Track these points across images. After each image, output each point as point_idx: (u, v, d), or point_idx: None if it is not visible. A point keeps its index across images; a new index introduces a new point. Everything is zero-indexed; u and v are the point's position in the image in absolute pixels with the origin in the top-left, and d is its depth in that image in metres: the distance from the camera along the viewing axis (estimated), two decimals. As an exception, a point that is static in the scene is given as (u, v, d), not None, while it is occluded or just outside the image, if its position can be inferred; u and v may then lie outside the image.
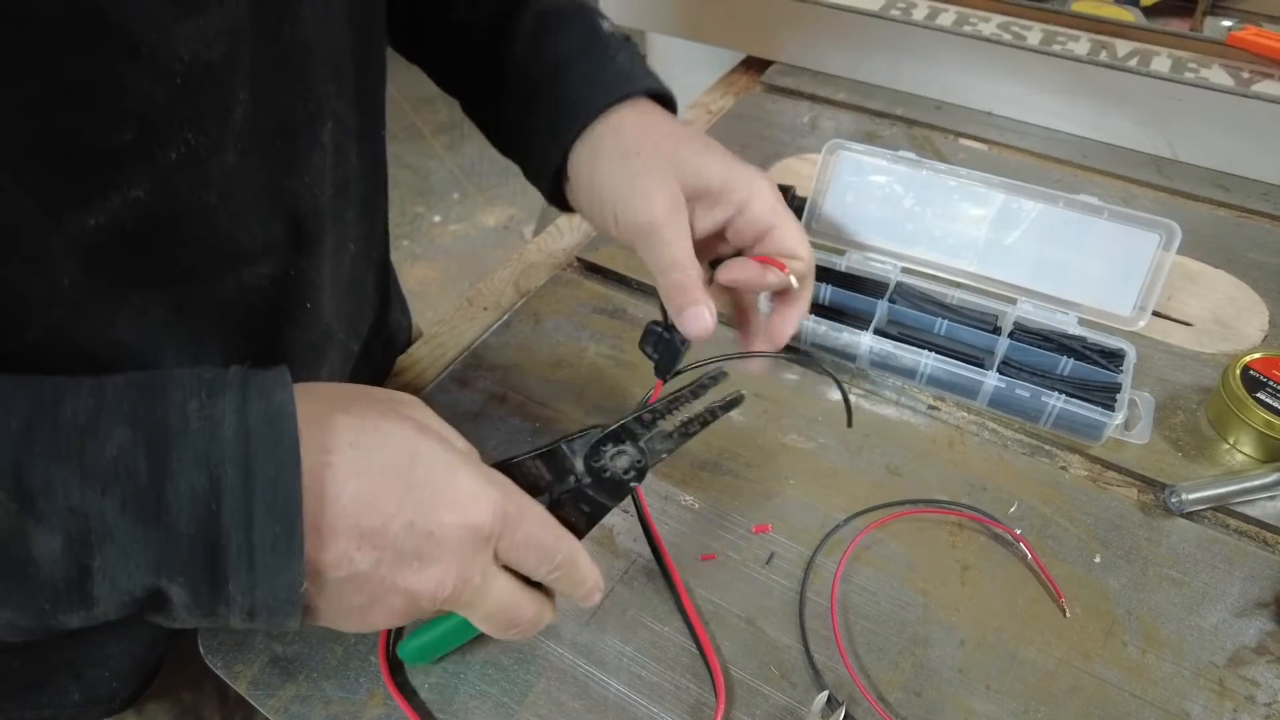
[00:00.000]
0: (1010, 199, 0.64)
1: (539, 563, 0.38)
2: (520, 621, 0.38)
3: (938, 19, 0.87)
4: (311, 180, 0.43)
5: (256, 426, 0.31)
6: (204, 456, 0.30)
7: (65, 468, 0.28)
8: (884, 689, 0.45)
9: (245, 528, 0.30)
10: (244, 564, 0.30)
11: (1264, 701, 0.44)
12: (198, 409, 0.30)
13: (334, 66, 0.43)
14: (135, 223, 0.35)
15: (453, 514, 0.35)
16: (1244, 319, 0.66)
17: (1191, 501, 0.52)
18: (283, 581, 0.31)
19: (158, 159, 0.34)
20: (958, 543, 0.52)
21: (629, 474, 0.42)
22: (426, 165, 2.74)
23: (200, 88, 0.34)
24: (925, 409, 0.60)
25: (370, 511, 0.33)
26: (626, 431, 0.43)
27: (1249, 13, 0.93)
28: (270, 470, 0.30)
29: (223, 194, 0.38)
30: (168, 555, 0.29)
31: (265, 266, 0.43)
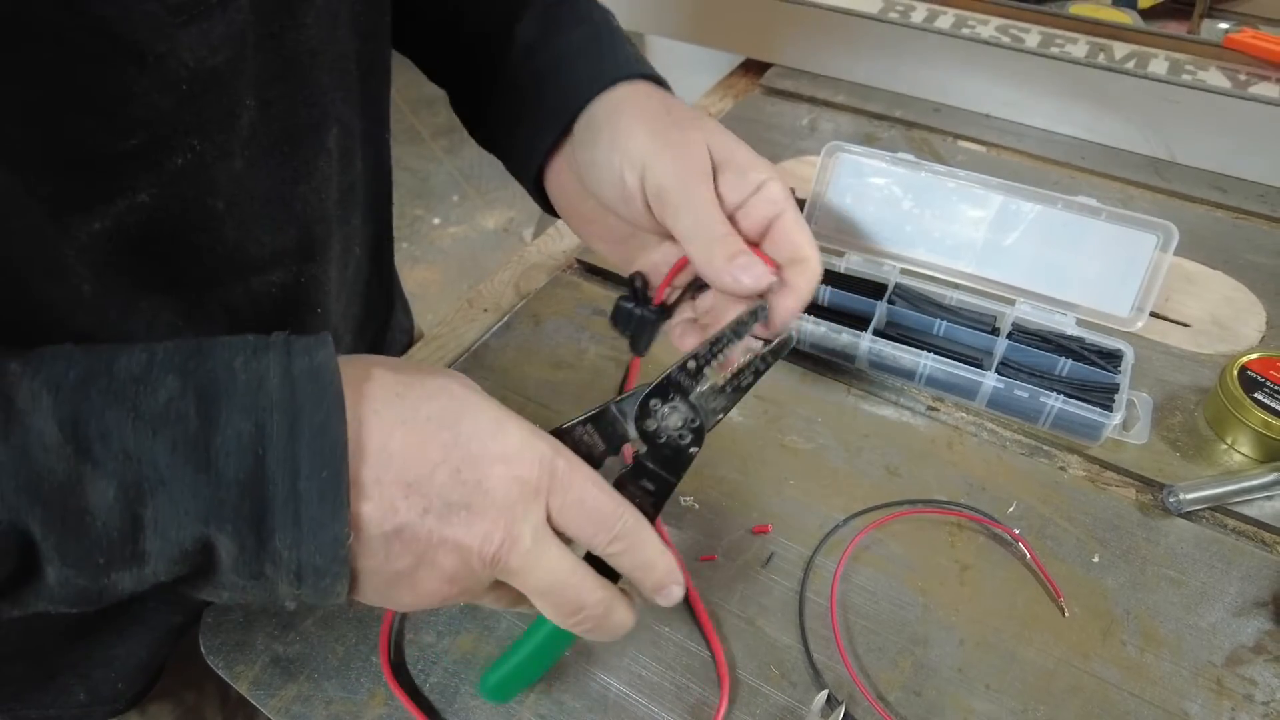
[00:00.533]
0: (1009, 200, 0.64)
1: (596, 529, 0.35)
2: (584, 604, 0.35)
3: (936, 21, 0.88)
4: (318, 186, 0.43)
5: (301, 380, 0.31)
6: (251, 406, 0.30)
7: (119, 412, 0.29)
8: (884, 688, 0.45)
9: (291, 476, 0.30)
10: (290, 514, 0.30)
11: (1262, 700, 0.45)
12: (243, 364, 0.31)
13: (339, 72, 0.43)
14: (139, 227, 0.35)
15: (500, 464, 0.34)
16: (1241, 320, 0.66)
17: (1189, 501, 0.52)
18: (328, 534, 0.31)
19: (163, 165, 0.35)
20: (957, 543, 0.52)
21: (685, 439, 0.39)
22: (426, 168, 2.75)
23: (205, 94, 0.35)
24: (924, 410, 0.60)
25: (416, 461, 0.32)
26: (673, 384, 0.39)
27: (1246, 15, 0.94)
28: (316, 418, 0.30)
29: (230, 201, 0.38)
30: (215, 502, 0.29)
31: (274, 274, 0.43)
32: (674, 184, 0.41)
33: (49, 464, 0.28)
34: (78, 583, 0.29)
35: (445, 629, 0.48)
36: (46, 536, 0.28)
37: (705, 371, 0.40)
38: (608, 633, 0.37)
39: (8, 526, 0.27)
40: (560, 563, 0.35)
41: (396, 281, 0.68)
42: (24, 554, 0.28)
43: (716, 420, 0.40)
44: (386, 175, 0.55)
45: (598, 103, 0.45)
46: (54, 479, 0.28)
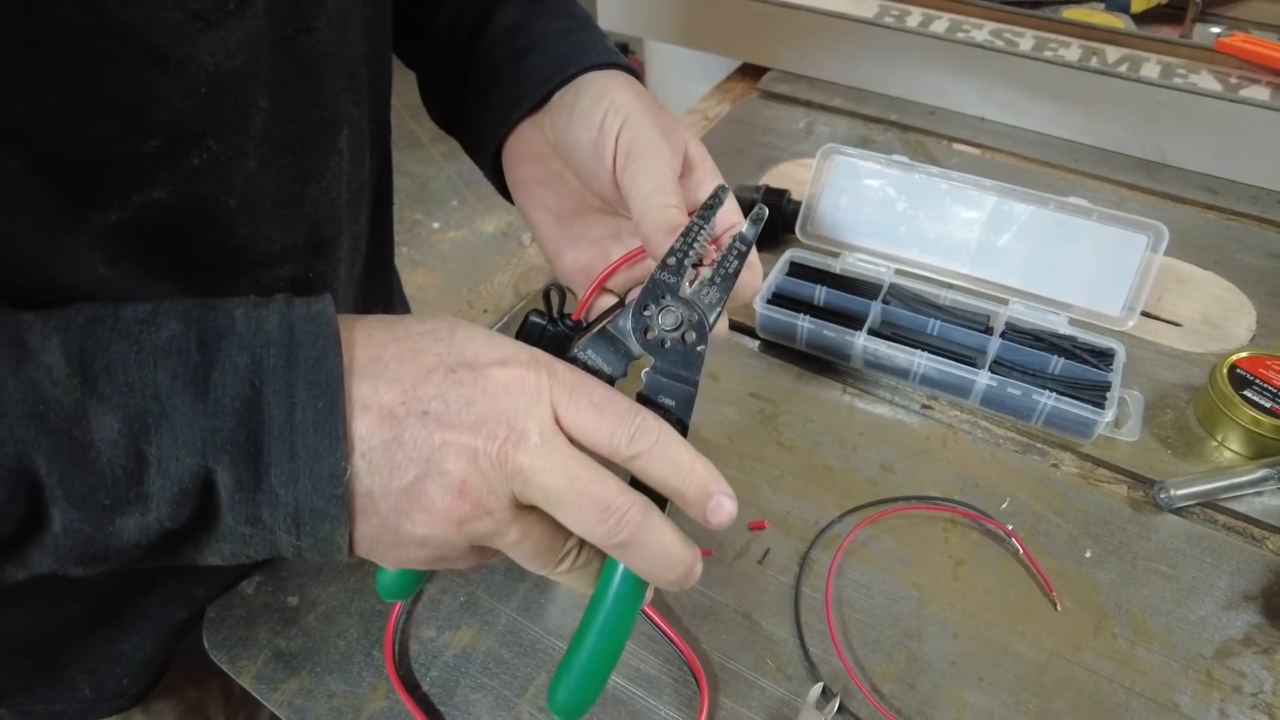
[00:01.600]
0: (1002, 201, 0.65)
1: (613, 426, 0.33)
2: (610, 501, 0.32)
3: (931, 26, 0.89)
4: (329, 185, 0.44)
5: (299, 322, 0.31)
6: (249, 343, 0.30)
7: (123, 346, 0.29)
8: (878, 681, 0.46)
9: (287, 406, 0.30)
10: (285, 445, 0.30)
11: (1250, 691, 0.45)
12: (244, 313, 0.31)
13: (350, 75, 0.44)
14: (154, 222, 0.36)
15: (497, 366, 0.33)
16: (1232, 319, 0.67)
17: (1180, 498, 0.53)
18: (324, 468, 0.30)
19: (180, 164, 0.35)
20: (951, 538, 0.53)
21: (690, 337, 0.37)
22: (425, 172, 2.76)
23: (222, 97, 0.35)
24: (919, 408, 0.61)
25: (410, 367, 0.32)
26: (660, 285, 0.38)
27: (1237, 19, 0.95)
28: (312, 353, 0.31)
29: (242, 199, 0.39)
30: (212, 431, 0.29)
31: (283, 269, 0.44)
32: (647, 142, 0.41)
33: (56, 395, 0.28)
34: (83, 529, 0.29)
35: (445, 624, 0.49)
36: (52, 471, 0.28)
37: (685, 264, 0.38)
38: (657, 552, 0.33)
39: (15, 464, 0.28)
40: (574, 458, 0.32)
41: (398, 281, 0.69)
42: (32, 497, 0.28)
43: (717, 314, 0.38)
44: (388, 174, 0.56)
45: (588, 75, 0.45)
46: (61, 410, 0.28)
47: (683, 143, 0.43)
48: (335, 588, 0.51)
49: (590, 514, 0.32)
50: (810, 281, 0.66)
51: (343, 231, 0.47)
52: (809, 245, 0.71)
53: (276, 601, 0.50)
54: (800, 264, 0.68)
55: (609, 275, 0.45)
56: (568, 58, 0.47)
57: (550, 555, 0.35)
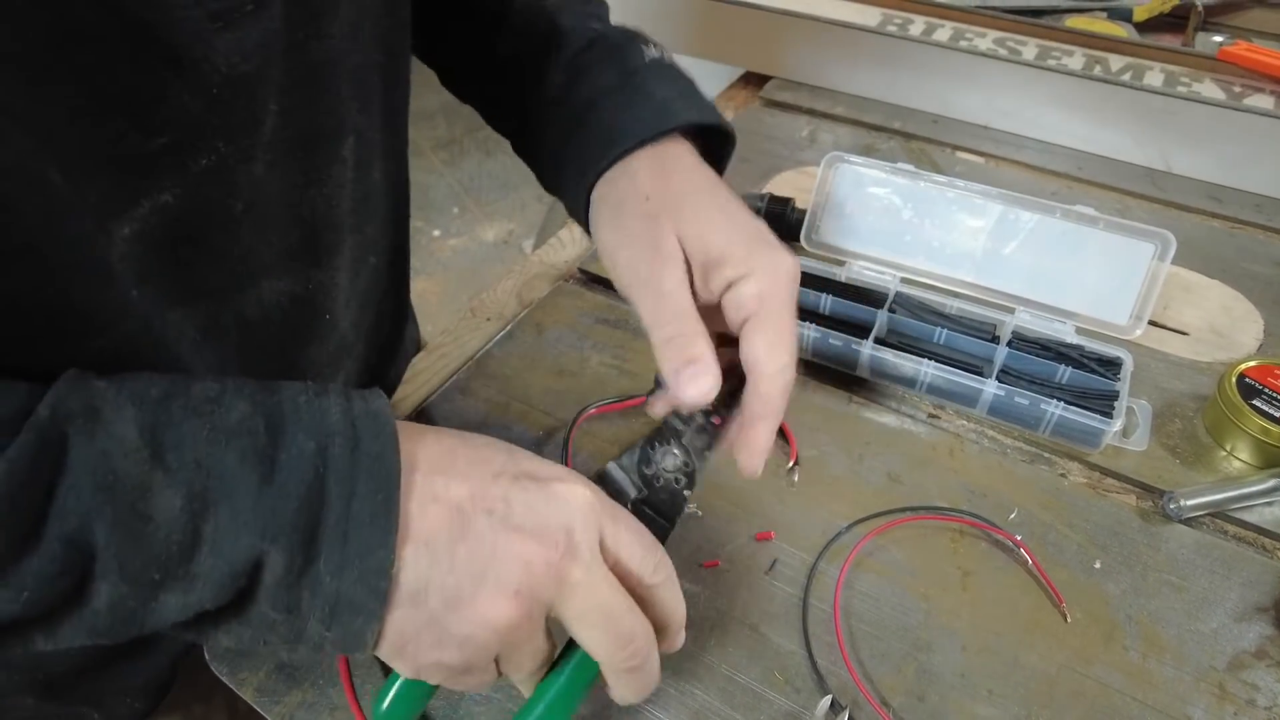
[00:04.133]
0: (1008, 210, 0.65)
1: (643, 558, 0.35)
2: (635, 633, 0.34)
3: (934, 34, 0.89)
4: (330, 192, 0.44)
5: (361, 417, 0.32)
6: (314, 429, 0.31)
7: (196, 423, 0.30)
8: (887, 693, 0.46)
9: (347, 495, 0.31)
10: (340, 534, 0.30)
11: (1264, 705, 0.45)
12: (306, 401, 0.32)
13: (359, 83, 0.44)
14: (164, 230, 0.36)
15: (559, 481, 0.34)
16: (1239, 328, 0.67)
17: (1190, 508, 0.53)
18: (373, 560, 0.31)
19: (188, 166, 0.35)
20: (959, 549, 0.52)
21: (679, 483, 0.41)
22: (426, 180, 2.76)
23: (234, 99, 0.35)
24: (925, 417, 0.61)
25: (478, 467, 0.33)
26: (669, 430, 0.41)
27: (1240, 28, 0.95)
28: (374, 447, 0.32)
29: (248, 203, 0.39)
30: (275, 513, 0.30)
31: (283, 279, 0.43)
32: (631, 279, 0.41)
33: (125, 467, 0.29)
34: (127, 605, 0.29)
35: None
36: (110, 543, 0.28)
37: (696, 416, 0.41)
38: (646, 678, 0.36)
39: (75, 535, 0.28)
40: (612, 583, 0.34)
41: (408, 291, 0.69)
42: (83, 570, 0.28)
43: (705, 460, 0.41)
44: (405, 187, 0.56)
45: (596, 192, 0.45)
46: (128, 481, 0.28)
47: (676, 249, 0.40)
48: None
49: (614, 640, 0.34)
50: (816, 290, 0.65)
51: (344, 240, 0.47)
52: (814, 254, 0.71)
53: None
54: (805, 273, 0.67)
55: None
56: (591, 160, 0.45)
57: (538, 670, 0.37)
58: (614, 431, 0.60)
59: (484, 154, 2.89)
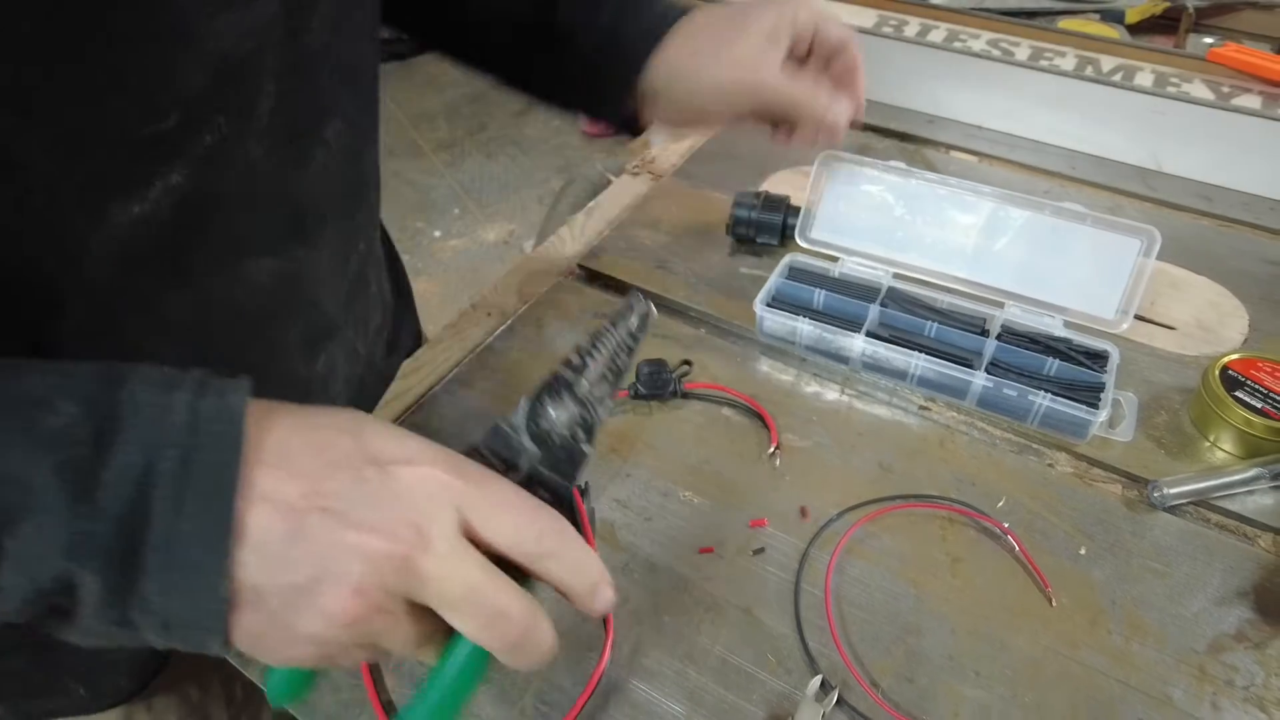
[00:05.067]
0: (998, 207, 0.66)
1: (523, 529, 0.33)
2: (507, 610, 0.32)
3: (929, 35, 0.90)
4: (315, 174, 0.45)
5: (206, 420, 0.30)
6: (147, 439, 0.29)
7: (12, 423, 0.28)
8: (877, 675, 0.47)
9: (173, 514, 0.28)
10: (163, 556, 0.28)
11: (1242, 685, 0.46)
12: (151, 399, 0.30)
13: (346, 70, 0.45)
14: (172, 210, 0.37)
15: (406, 465, 0.32)
16: (1225, 323, 0.68)
17: (1174, 496, 0.54)
18: (203, 581, 0.29)
19: (194, 146, 0.36)
20: (948, 536, 0.54)
21: (577, 439, 0.38)
22: (427, 181, 2.78)
23: (233, 79, 0.37)
24: (916, 409, 0.62)
25: (315, 460, 0.31)
26: (559, 382, 0.39)
27: (1229, 30, 0.96)
28: (212, 458, 0.29)
29: (243, 184, 0.40)
30: (88, 535, 0.28)
31: (267, 258, 0.44)
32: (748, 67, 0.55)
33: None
34: None
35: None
36: None
37: (588, 364, 0.39)
38: (533, 649, 0.33)
39: None
40: (478, 568, 0.32)
41: (405, 280, 0.70)
42: None
43: (605, 410, 0.39)
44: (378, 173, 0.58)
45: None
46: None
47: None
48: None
49: (485, 621, 0.32)
50: (809, 285, 0.67)
51: (327, 223, 0.48)
52: (808, 250, 0.72)
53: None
54: (800, 268, 0.69)
55: None
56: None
57: (426, 642, 0.34)
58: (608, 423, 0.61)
59: (485, 155, 2.90)
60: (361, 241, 0.53)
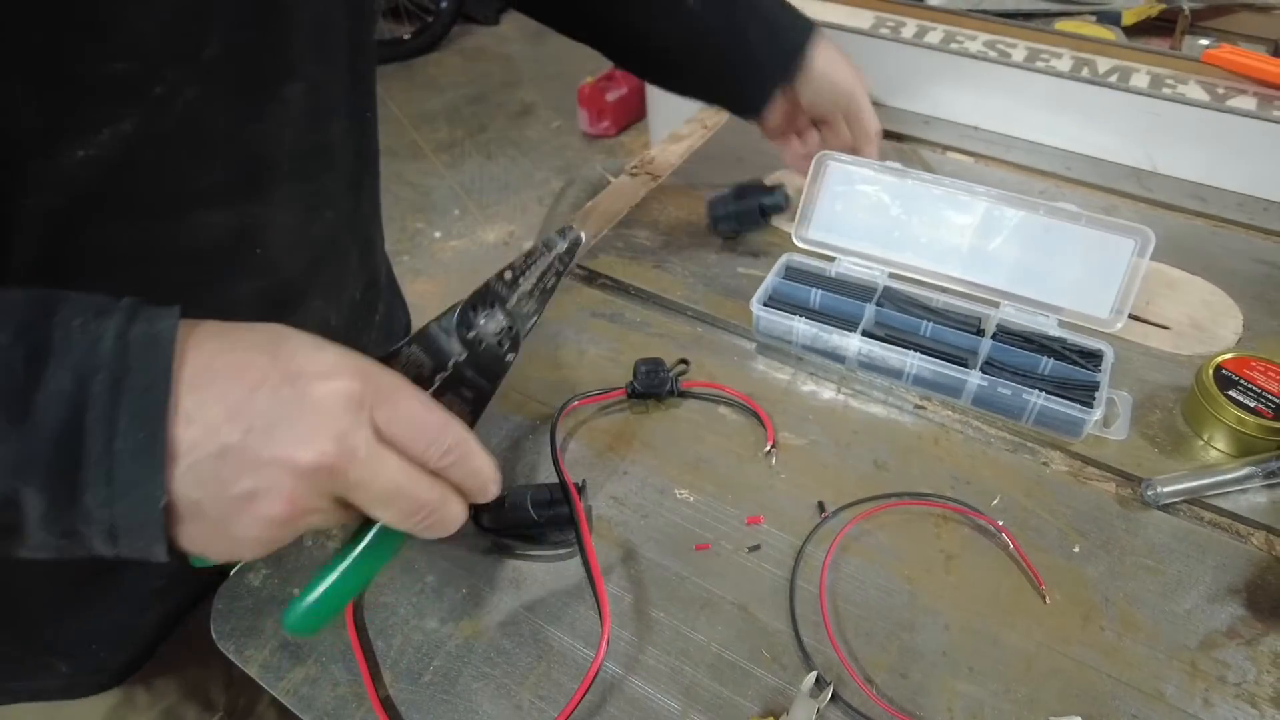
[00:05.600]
0: (993, 207, 0.66)
1: (428, 443, 0.36)
2: (424, 504, 0.36)
3: (926, 37, 0.91)
4: (271, 130, 0.45)
5: (135, 345, 0.31)
6: (77, 364, 0.30)
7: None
8: (871, 670, 0.47)
9: (107, 434, 0.30)
10: (102, 472, 0.30)
11: (1234, 682, 0.46)
12: (82, 325, 0.31)
13: (316, 34, 0.45)
14: (120, 154, 0.37)
15: (320, 380, 0.34)
16: (1219, 323, 0.68)
17: (1167, 495, 0.54)
18: (141, 494, 0.31)
19: (145, 93, 0.36)
20: (942, 533, 0.54)
21: (503, 346, 0.42)
22: (427, 182, 2.78)
23: (182, 26, 0.37)
24: (912, 408, 0.62)
25: (235, 383, 0.32)
26: (491, 294, 0.42)
27: (1224, 32, 0.97)
28: (142, 380, 0.31)
29: (192, 132, 0.40)
30: (26, 455, 0.29)
31: (219, 210, 0.45)
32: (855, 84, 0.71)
33: None
34: None
35: (448, 615, 0.50)
36: None
37: (520, 281, 0.43)
38: (443, 527, 0.38)
39: None
40: (395, 469, 0.35)
41: (387, 267, 0.69)
42: None
43: (531, 325, 0.43)
44: (370, 156, 0.57)
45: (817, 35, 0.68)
46: None
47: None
48: (340, 580, 0.52)
49: (405, 513, 0.36)
50: (806, 285, 0.67)
51: (284, 180, 0.48)
52: (804, 250, 0.72)
53: (283, 593, 0.52)
54: (796, 268, 0.69)
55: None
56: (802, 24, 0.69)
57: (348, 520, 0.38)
58: (599, 420, 0.61)
59: (485, 157, 2.91)
60: (329, 209, 0.52)
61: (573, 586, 0.51)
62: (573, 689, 0.46)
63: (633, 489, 0.56)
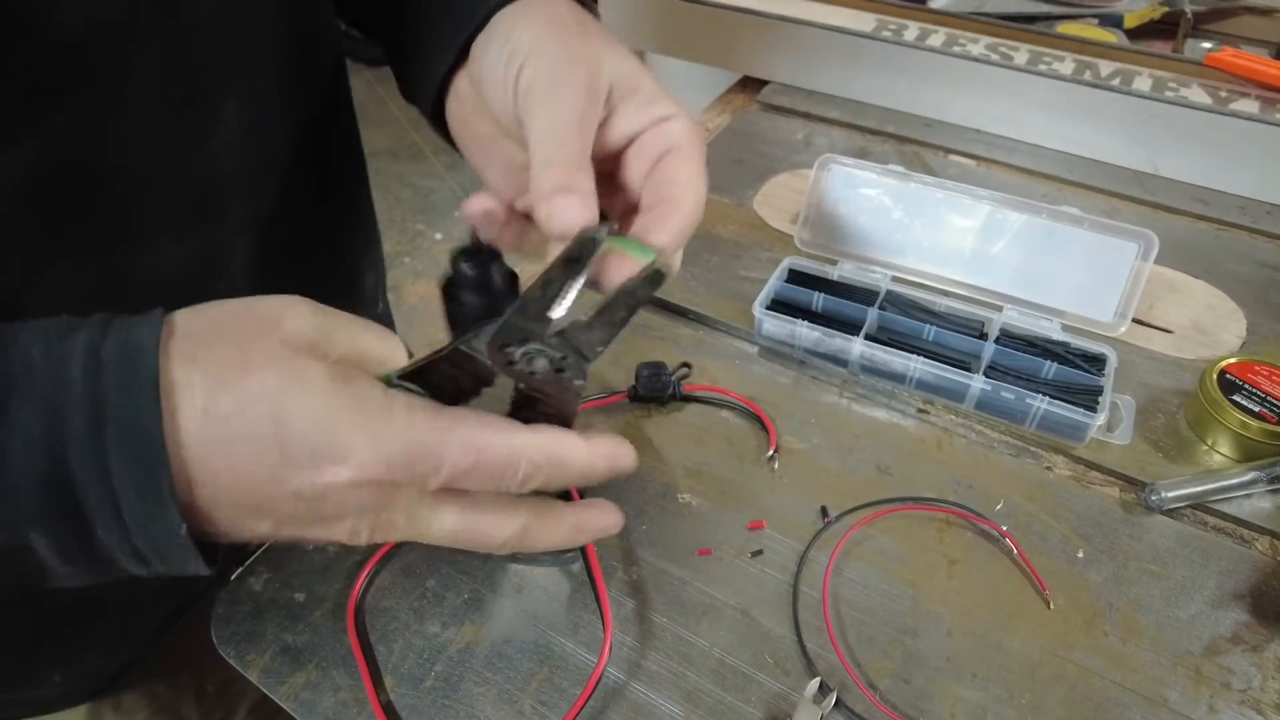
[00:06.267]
0: (995, 210, 0.66)
1: (499, 481, 0.32)
2: (494, 542, 0.33)
3: (928, 40, 0.90)
4: (215, 150, 0.43)
5: (109, 363, 0.27)
6: (45, 399, 0.26)
7: None
8: (874, 676, 0.47)
9: (100, 478, 0.26)
10: (109, 511, 0.27)
11: (1238, 688, 0.46)
12: (44, 352, 0.27)
13: (244, 44, 0.43)
14: (30, 182, 0.35)
15: (342, 470, 0.29)
16: (1222, 326, 0.68)
17: (1171, 499, 0.54)
18: (159, 528, 0.27)
19: (47, 119, 0.34)
20: (945, 538, 0.54)
21: (564, 372, 0.35)
22: (428, 184, 2.78)
23: (96, 51, 0.34)
24: (915, 412, 0.62)
25: (249, 492, 0.29)
26: (516, 330, 0.35)
27: (1227, 35, 0.97)
28: (123, 411, 0.26)
29: (124, 159, 0.38)
30: (15, 512, 0.26)
31: (174, 239, 0.43)
32: (544, 83, 0.36)
33: None
34: None
35: (449, 620, 0.50)
36: None
37: (547, 316, 0.36)
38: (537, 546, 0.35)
39: None
40: (451, 523, 0.32)
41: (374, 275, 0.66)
42: None
43: (598, 353, 0.36)
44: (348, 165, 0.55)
45: (506, 9, 0.40)
46: None
47: (602, 74, 0.37)
48: (342, 584, 0.52)
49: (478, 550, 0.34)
50: (808, 288, 0.67)
51: (233, 201, 0.46)
52: (807, 253, 0.72)
53: (283, 598, 0.51)
54: (798, 271, 0.69)
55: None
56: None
57: None
58: (601, 423, 0.61)
59: (485, 158, 2.90)
60: (281, 224, 0.50)
61: (575, 591, 0.51)
62: (575, 694, 0.46)
63: (635, 493, 0.56)
